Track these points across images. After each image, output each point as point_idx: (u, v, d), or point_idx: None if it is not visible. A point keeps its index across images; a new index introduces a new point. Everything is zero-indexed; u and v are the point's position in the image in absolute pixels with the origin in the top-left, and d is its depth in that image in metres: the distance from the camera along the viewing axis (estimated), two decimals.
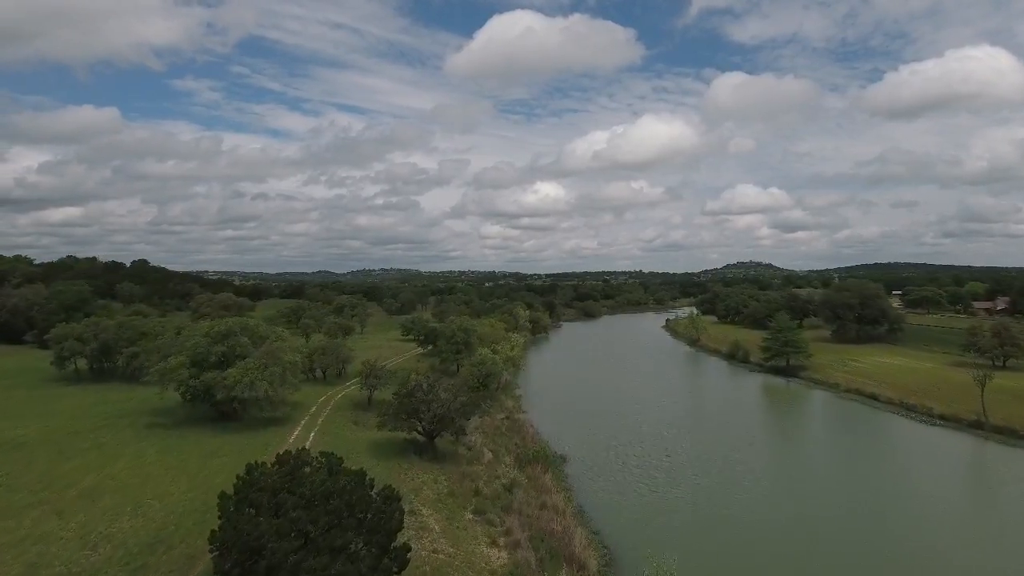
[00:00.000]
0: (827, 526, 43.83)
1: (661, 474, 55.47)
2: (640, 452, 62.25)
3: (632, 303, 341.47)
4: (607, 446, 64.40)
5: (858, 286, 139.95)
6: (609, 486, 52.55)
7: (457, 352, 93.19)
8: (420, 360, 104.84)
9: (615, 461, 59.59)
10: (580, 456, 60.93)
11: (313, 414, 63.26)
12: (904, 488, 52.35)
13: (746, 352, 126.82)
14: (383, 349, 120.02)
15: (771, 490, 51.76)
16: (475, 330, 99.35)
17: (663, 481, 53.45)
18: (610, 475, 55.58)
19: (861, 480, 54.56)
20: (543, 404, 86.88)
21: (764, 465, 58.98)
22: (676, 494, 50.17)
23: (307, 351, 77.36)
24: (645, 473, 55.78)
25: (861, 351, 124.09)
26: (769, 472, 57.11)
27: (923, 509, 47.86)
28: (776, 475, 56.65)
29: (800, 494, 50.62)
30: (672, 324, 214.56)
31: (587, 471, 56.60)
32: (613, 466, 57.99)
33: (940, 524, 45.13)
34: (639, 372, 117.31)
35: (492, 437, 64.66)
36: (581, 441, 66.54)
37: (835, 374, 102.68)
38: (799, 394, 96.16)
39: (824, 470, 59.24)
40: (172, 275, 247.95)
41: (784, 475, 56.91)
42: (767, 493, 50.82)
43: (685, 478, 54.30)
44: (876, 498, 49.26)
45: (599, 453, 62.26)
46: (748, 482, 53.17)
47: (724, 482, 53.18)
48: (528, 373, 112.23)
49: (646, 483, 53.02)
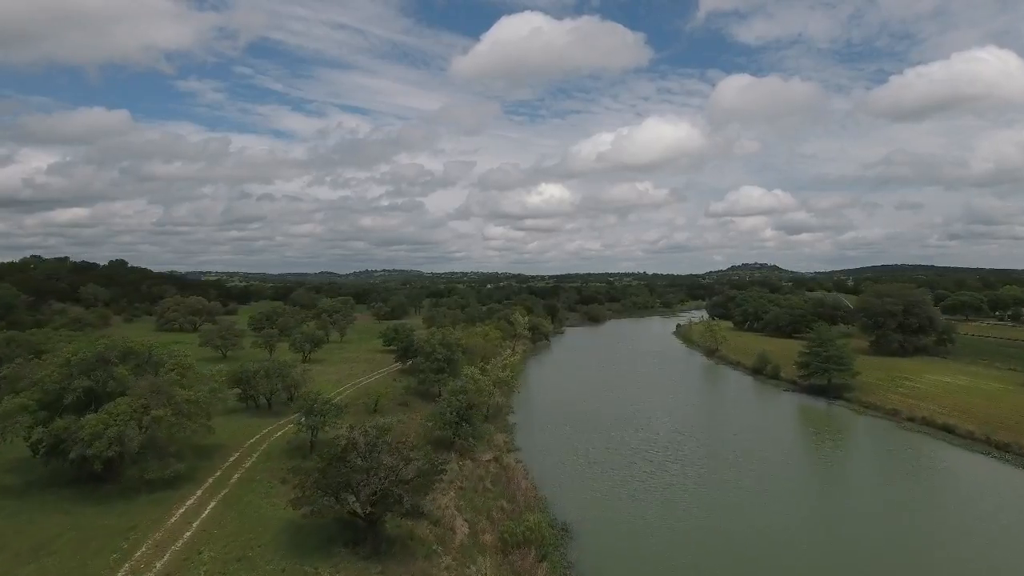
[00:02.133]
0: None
1: (712, 560, 39.26)
2: (672, 523, 46.02)
3: (638, 306, 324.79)
4: (626, 512, 48.20)
5: (901, 290, 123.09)
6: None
7: (438, 371, 77.11)
8: (398, 378, 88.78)
9: (642, 538, 43.39)
10: (591, 525, 44.81)
11: (231, 466, 47.20)
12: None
13: (776, 367, 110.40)
14: (357, 363, 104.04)
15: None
16: (461, 344, 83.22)
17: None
18: (634, 562, 39.41)
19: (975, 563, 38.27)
20: (543, 437, 70.74)
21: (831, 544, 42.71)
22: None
23: (237, 375, 61.22)
24: (691, 559, 39.59)
25: (909, 366, 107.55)
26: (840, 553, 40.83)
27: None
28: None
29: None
30: (684, 331, 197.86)
31: (602, 557, 40.37)
32: (639, 547, 41.74)
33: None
34: (654, 390, 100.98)
35: (471, 495, 48.58)
36: (591, 500, 50.40)
37: (889, 396, 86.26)
38: (848, 423, 79.70)
39: (917, 550, 42.88)
40: (148, 276, 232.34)
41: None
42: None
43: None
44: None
45: (616, 522, 46.08)
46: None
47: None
48: (526, 392, 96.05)
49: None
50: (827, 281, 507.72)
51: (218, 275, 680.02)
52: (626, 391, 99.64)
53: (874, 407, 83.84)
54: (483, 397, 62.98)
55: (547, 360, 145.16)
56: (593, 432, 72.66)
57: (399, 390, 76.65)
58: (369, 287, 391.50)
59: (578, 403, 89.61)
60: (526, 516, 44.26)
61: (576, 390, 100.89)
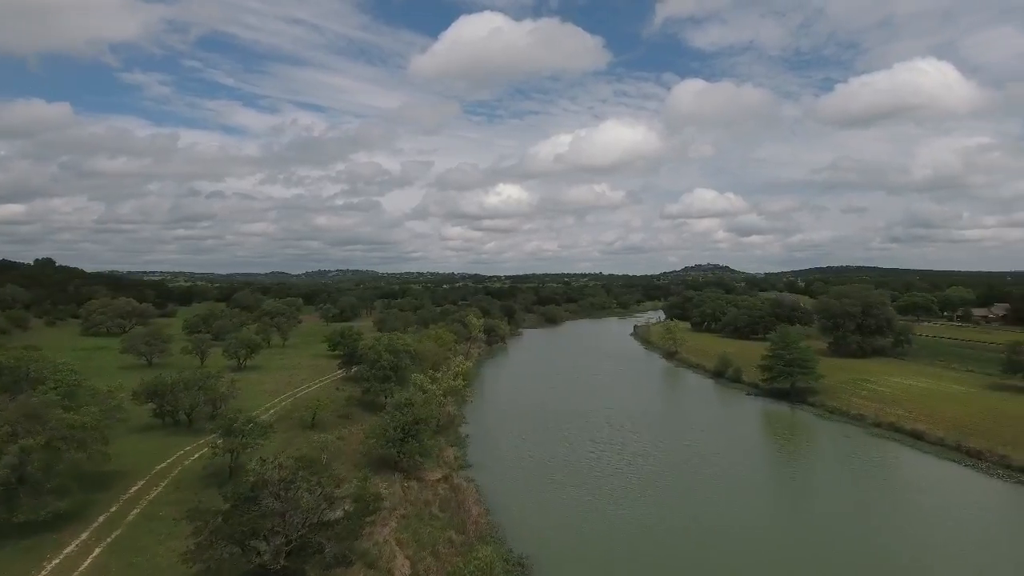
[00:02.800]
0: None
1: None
2: (645, 552, 41.17)
3: (595, 307, 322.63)
4: (592, 539, 43.14)
5: (860, 292, 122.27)
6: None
7: (384, 380, 70.85)
8: (342, 387, 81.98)
9: (611, 570, 38.40)
10: (552, 557, 39.58)
11: (130, 499, 40.20)
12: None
13: (738, 370, 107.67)
14: (299, 370, 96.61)
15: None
16: (409, 349, 77.08)
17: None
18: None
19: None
20: (498, 451, 65.30)
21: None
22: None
23: (151, 388, 53.83)
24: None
25: (869, 367, 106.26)
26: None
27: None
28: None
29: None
30: (642, 332, 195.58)
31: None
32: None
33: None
34: (615, 396, 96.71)
35: (416, 525, 42.76)
36: (552, 525, 45.19)
37: (854, 400, 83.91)
38: (816, 429, 76.74)
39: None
40: (78, 276, 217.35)
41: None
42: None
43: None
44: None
45: (581, 552, 40.98)
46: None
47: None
48: (481, 400, 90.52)
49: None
50: (778, 282, 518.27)
51: (163, 275, 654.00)
52: (586, 398, 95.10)
53: (840, 412, 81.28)
54: (432, 409, 57.10)
55: (503, 364, 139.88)
56: (553, 444, 67.60)
57: (341, 401, 70.10)
58: (320, 288, 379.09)
59: (536, 411, 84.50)
60: (477, 550, 38.75)
61: (534, 397, 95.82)
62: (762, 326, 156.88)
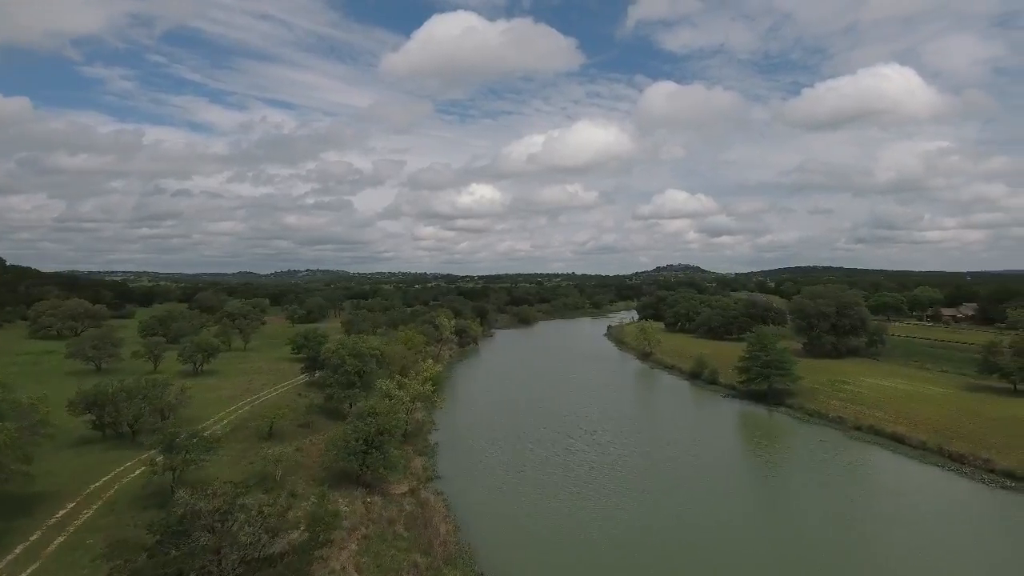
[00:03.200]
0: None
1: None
2: None
3: (569, 307, 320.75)
4: (572, 559, 40.12)
5: (834, 292, 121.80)
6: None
7: (348, 386, 66.99)
8: (304, 393, 77.68)
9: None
10: None
11: (55, 525, 35.98)
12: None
13: (714, 371, 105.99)
14: (260, 375, 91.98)
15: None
16: (376, 353, 73.29)
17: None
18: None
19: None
20: (469, 460, 62.01)
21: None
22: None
23: (89, 397, 49.35)
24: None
25: (844, 368, 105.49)
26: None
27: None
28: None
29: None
30: (616, 332, 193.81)
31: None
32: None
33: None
34: (590, 399, 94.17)
35: (378, 546, 39.29)
36: (525, 542, 42.07)
37: (831, 402, 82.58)
38: (795, 432, 74.94)
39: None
40: (30, 275, 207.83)
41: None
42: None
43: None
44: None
45: (554, 568, 37.98)
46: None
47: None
48: (452, 405, 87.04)
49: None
50: (748, 282, 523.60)
51: (125, 275, 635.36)
52: (560, 402, 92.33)
53: (818, 414, 79.79)
54: (398, 418, 53.55)
55: (475, 366, 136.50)
56: (526, 451, 64.55)
57: (302, 408, 66.01)
58: (288, 288, 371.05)
59: (509, 416, 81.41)
60: (444, 575, 35.57)
61: (507, 401, 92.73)
62: (736, 326, 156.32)
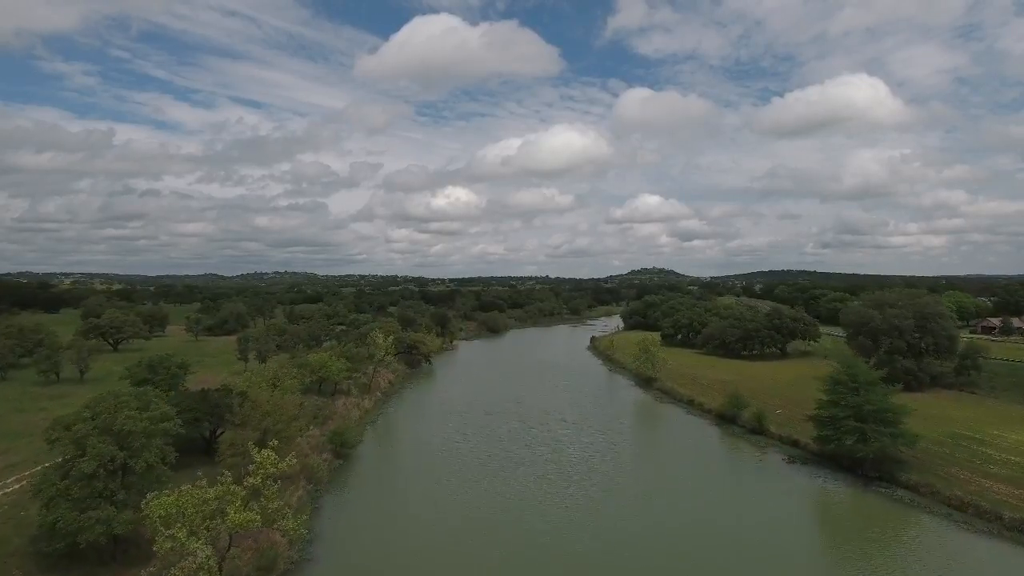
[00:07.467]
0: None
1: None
2: None
3: (544, 313, 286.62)
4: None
5: (910, 298, 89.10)
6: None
7: (95, 500, 31.69)
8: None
9: None
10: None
11: None
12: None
13: (759, 415, 72.75)
14: (34, 438, 55.64)
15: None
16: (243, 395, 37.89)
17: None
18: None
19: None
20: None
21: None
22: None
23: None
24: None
25: (945, 410, 73.16)
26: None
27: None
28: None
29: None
30: (602, 346, 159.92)
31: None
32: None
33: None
34: (584, 467, 60.10)
35: None
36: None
37: (974, 479, 49.97)
38: (963, 557, 41.91)
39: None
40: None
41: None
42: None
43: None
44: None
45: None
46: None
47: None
48: (359, 494, 52.09)
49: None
50: (719, 286, 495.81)
51: (82, 277, 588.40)
52: (538, 478, 57.82)
53: (962, 504, 47.19)
54: None
55: (423, 395, 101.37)
56: None
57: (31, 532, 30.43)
58: (223, 290, 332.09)
59: (459, 507, 46.60)
60: None
61: (457, 469, 58.04)
62: (758, 341, 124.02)
